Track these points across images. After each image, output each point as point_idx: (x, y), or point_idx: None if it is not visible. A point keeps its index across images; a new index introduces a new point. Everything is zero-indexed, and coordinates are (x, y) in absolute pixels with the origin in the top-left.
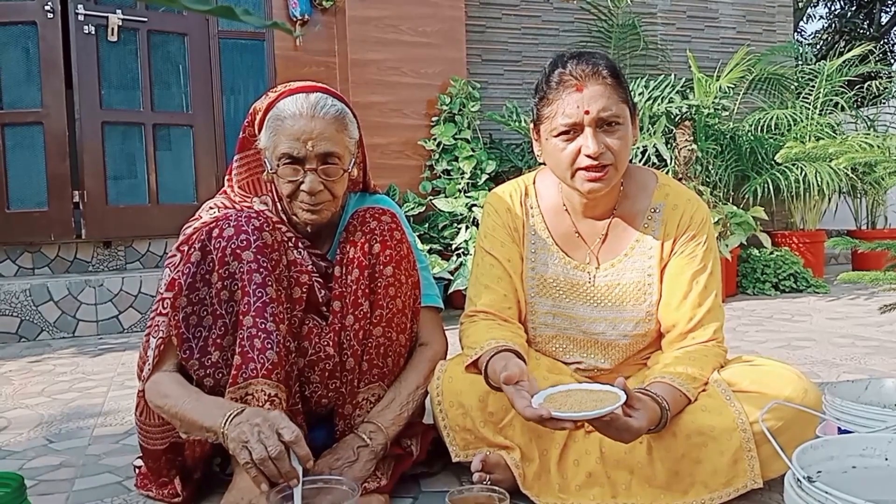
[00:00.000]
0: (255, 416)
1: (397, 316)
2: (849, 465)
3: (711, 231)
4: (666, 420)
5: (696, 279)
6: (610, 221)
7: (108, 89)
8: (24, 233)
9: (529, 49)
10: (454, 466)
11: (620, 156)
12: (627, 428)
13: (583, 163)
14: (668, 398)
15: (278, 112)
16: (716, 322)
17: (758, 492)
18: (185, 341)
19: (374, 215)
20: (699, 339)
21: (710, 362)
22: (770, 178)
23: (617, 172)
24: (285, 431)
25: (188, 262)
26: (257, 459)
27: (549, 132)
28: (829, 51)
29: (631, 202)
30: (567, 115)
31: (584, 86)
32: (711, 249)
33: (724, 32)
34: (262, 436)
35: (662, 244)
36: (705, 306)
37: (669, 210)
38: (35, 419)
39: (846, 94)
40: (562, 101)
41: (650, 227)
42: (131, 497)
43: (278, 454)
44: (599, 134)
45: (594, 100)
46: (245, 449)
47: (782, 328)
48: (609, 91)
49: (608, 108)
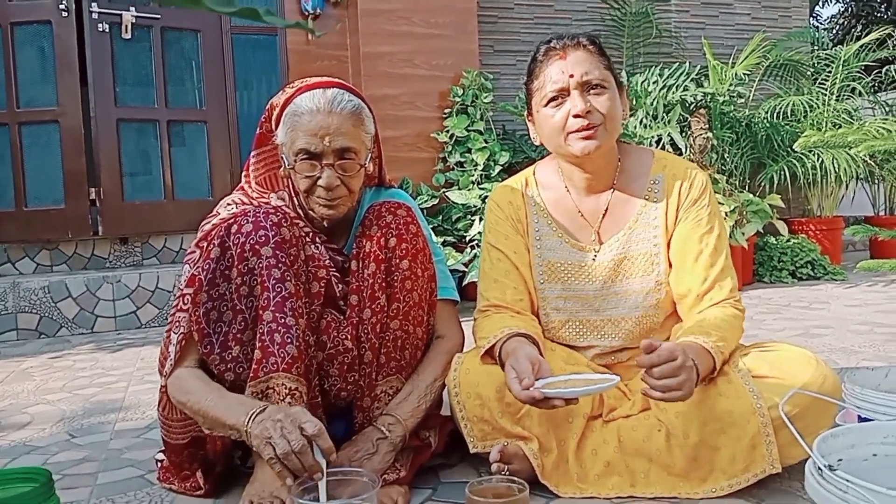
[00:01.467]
0: (277, 413)
1: (414, 309)
2: (870, 452)
3: (713, 195)
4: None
5: (705, 241)
6: (611, 196)
7: (123, 86)
8: (41, 230)
9: (542, 39)
10: (472, 458)
11: (610, 115)
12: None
13: (573, 125)
14: (694, 355)
15: (295, 108)
16: (730, 281)
17: (776, 478)
18: (206, 336)
19: (390, 209)
20: (715, 298)
21: (731, 322)
22: (786, 166)
23: (607, 133)
24: (308, 426)
25: (208, 259)
26: (281, 454)
27: (539, 103)
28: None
29: (630, 176)
30: (553, 81)
31: (566, 54)
32: (714, 213)
33: (739, 19)
34: (284, 431)
35: (666, 213)
36: (717, 266)
37: (669, 180)
38: (57, 415)
39: (863, 80)
40: (548, 71)
41: (652, 198)
42: (154, 490)
43: (301, 448)
44: (586, 95)
45: (577, 64)
46: (269, 445)
47: (800, 316)
48: (591, 57)
49: (591, 72)
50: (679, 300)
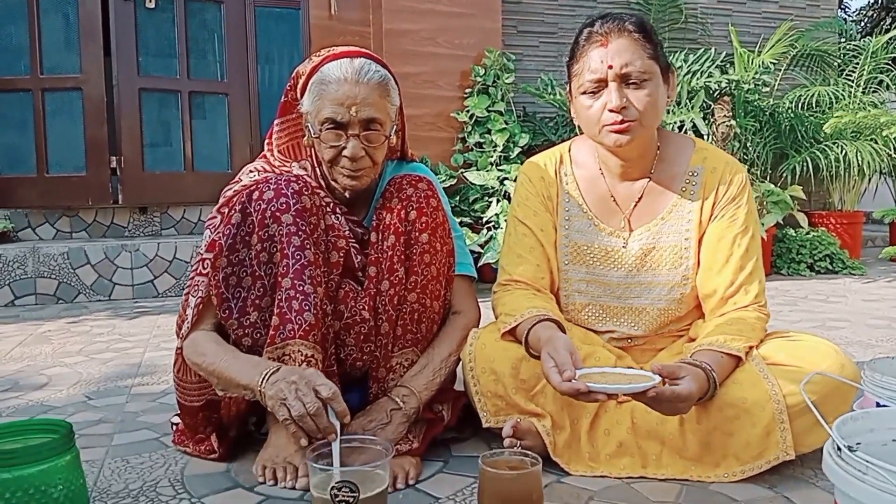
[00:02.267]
0: (292, 374)
1: (432, 283)
2: (889, 437)
3: (751, 194)
4: (715, 383)
5: (738, 242)
6: (646, 184)
7: (146, 56)
8: (62, 197)
9: (566, 21)
10: (484, 433)
11: (646, 111)
12: (676, 396)
13: (607, 118)
14: (713, 362)
15: (322, 76)
16: (757, 285)
17: (790, 465)
18: (225, 301)
19: (411, 182)
20: (740, 303)
21: (752, 325)
22: (809, 157)
23: (643, 128)
24: (322, 388)
25: (229, 224)
26: (296, 416)
27: (578, 89)
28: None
29: (668, 165)
30: (592, 70)
31: (608, 41)
32: (752, 212)
33: (767, 7)
34: (299, 393)
35: (702, 207)
36: (747, 269)
37: (709, 173)
38: (74, 377)
39: (891, 73)
40: (588, 58)
41: (688, 191)
42: (168, 452)
43: (316, 410)
44: (623, 88)
45: (618, 54)
46: (283, 406)
47: (817, 308)
48: (635, 46)
49: (632, 63)
50: (704, 299)
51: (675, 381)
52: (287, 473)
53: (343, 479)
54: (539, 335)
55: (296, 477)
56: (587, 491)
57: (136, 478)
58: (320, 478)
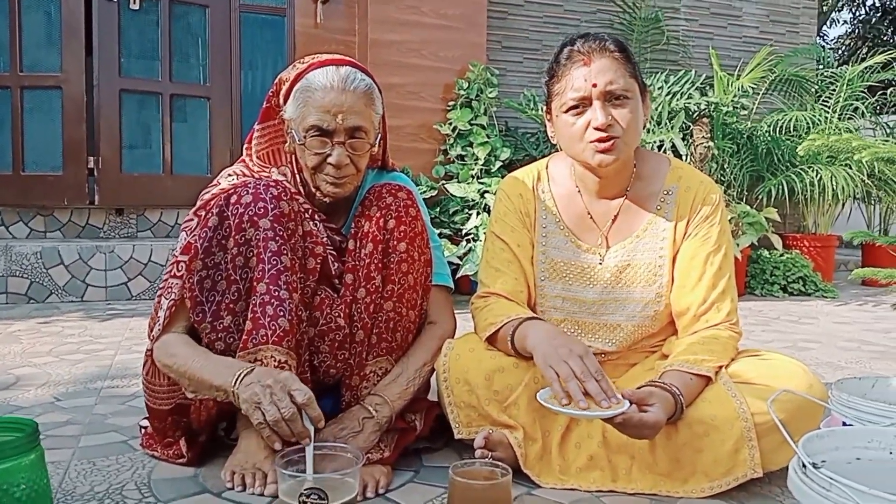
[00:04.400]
0: (266, 377)
1: (408, 292)
2: (853, 456)
3: (724, 213)
4: (682, 407)
5: (711, 260)
6: (622, 202)
7: (128, 57)
8: (37, 196)
9: (550, 38)
10: (456, 443)
11: (629, 129)
12: (645, 423)
13: (592, 136)
14: (680, 384)
15: (308, 83)
16: (729, 303)
17: (757, 483)
18: (199, 304)
19: (391, 191)
20: (712, 321)
21: (723, 343)
22: (785, 180)
23: (626, 146)
24: (297, 393)
25: (205, 227)
26: (271, 420)
27: (560, 108)
28: (850, 56)
29: (644, 184)
30: (575, 88)
31: (591, 60)
32: (725, 231)
33: (747, 31)
34: (274, 397)
35: (676, 225)
36: (719, 287)
37: (683, 192)
38: (43, 377)
39: (867, 100)
40: (570, 76)
41: (663, 209)
42: (136, 455)
43: (291, 415)
44: (607, 106)
45: (601, 73)
46: (258, 409)
47: (789, 329)
48: (616, 65)
49: (615, 82)
50: (677, 317)
51: (644, 408)
52: (256, 480)
53: (312, 487)
54: (526, 332)
55: (264, 483)
56: (557, 503)
57: (102, 480)
58: (289, 484)
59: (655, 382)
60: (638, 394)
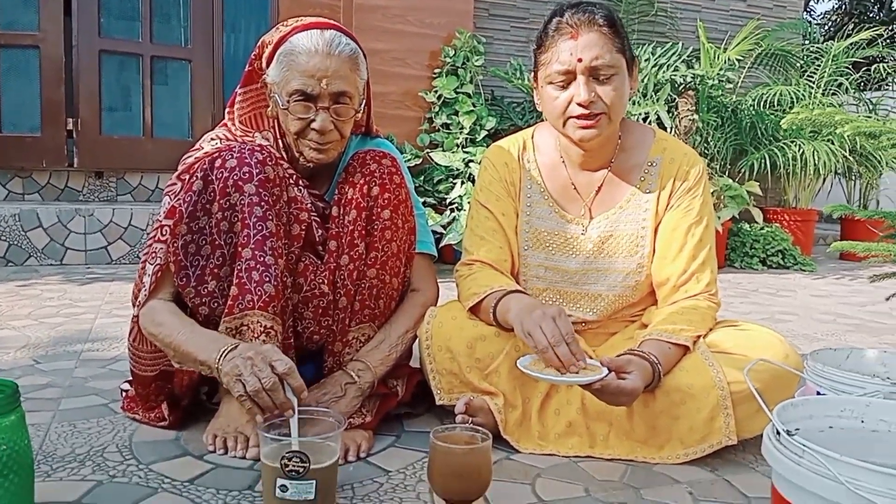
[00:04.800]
0: (248, 350)
1: (392, 259)
2: (826, 424)
3: (707, 185)
4: (659, 375)
5: (692, 231)
6: (606, 174)
7: (108, 18)
8: (15, 157)
9: (537, 6)
10: (437, 409)
11: (613, 105)
12: (622, 390)
13: (574, 111)
14: (658, 353)
15: (292, 47)
16: (709, 274)
17: (732, 450)
18: (183, 269)
19: (375, 158)
20: (691, 291)
21: (701, 314)
22: (767, 154)
23: (610, 122)
24: (278, 364)
25: (189, 191)
26: (251, 391)
27: (545, 79)
28: (837, 32)
29: (628, 155)
30: (561, 62)
31: (578, 34)
32: (707, 203)
33: (735, 4)
34: (255, 369)
35: (658, 197)
36: (699, 258)
37: (666, 164)
38: (22, 340)
39: (851, 76)
40: (557, 49)
41: (647, 181)
42: (117, 418)
43: (272, 385)
44: (592, 82)
45: (588, 48)
46: (239, 382)
47: (766, 301)
48: (604, 40)
49: (601, 57)
50: (657, 287)
51: (622, 375)
52: (238, 443)
53: (294, 450)
54: (509, 305)
55: (246, 447)
56: (535, 468)
57: (83, 443)
58: (271, 448)
59: (634, 351)
60: (616, 361)
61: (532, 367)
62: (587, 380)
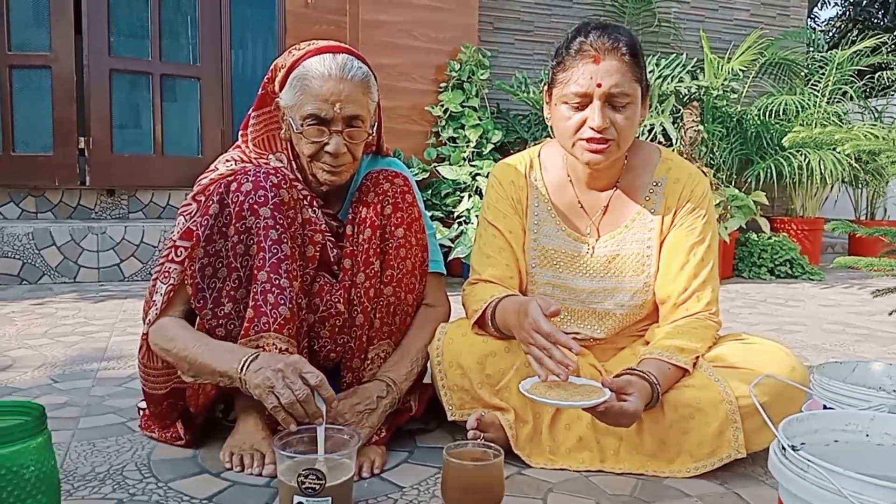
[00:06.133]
0: (276, 362)
1: (407, 276)
2: (831, 438)
3: (711, 205)
4: (658, 395)
5: (694, 251)
6: (612, 193)
7: (118, 37)
8: (28, 176)
9: (542, 19)
10: (449, 425)
11: (624, 133)
12: (624, 412)
13: (585, 134)
14: (657, 373)
15: (305, 71)
16: (710, 293)
17: (741, 463)
18: (200, 291)
19: (388, 177)
20: (691, 310)
21: (701, 333)
22: (773, 164)
23: (619, 149)
24: (310, 376)
25: (206, 214)
26: (286, 403)
27: (560, 98)
28: (841, 39)
29: (634, 175)
30: (579, 84)
31: (601, 58)
32: (710, 223)
33: (738, 14)
34: (287, 381)
35: (663, 217)
36: (700, 277)
37: (671, 183)
38: (39, 359)
39: (855, 84)
40: (577, 70)
41: (652, 201)
42: (135, 437)
43: (306, 397)
44: (607, 108)
45: (608, 74)
46: (272, 394)
47: (775, 312)
48: (625, 68)
49: (620, 86)
50: (659, 304)
51: (623, 396)
52: (254, 460)
53: (310, 467)
54: (502, 313)
55: (262, 464)
56: (547, 483)
57: (103, 461)
58: (287, 465)
59: (633, 370)
60: (617, 382)
61: (534, 391)
62: (589, 403)
